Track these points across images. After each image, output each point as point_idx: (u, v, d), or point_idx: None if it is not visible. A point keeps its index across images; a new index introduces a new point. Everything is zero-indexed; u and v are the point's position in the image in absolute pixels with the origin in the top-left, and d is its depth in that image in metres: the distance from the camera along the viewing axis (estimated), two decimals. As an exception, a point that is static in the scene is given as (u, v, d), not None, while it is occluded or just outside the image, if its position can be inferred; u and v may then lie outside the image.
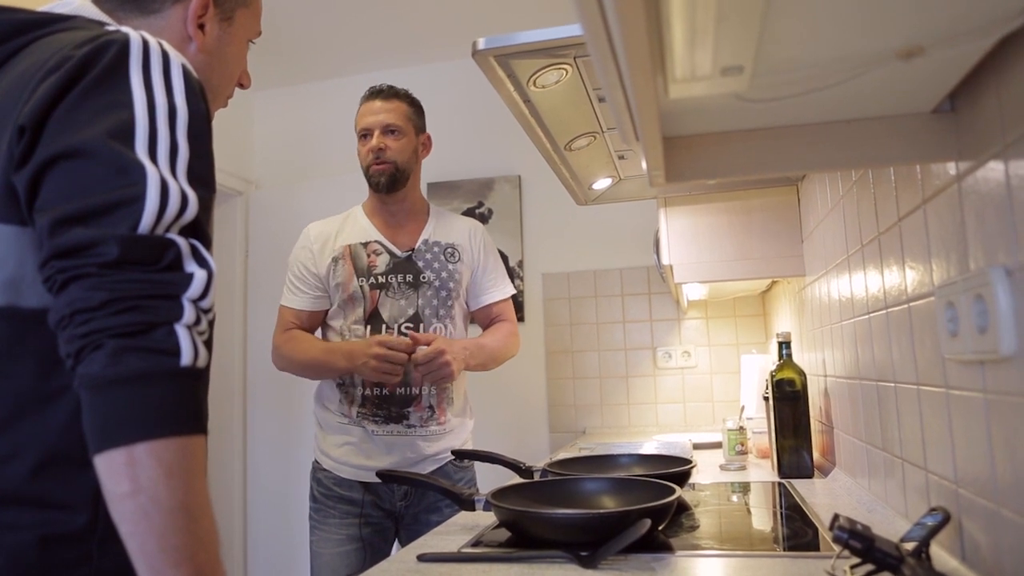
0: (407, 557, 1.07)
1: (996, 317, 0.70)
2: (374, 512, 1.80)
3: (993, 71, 0.72)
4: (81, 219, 0.65)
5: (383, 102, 1.84)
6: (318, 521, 1.81)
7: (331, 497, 1.80)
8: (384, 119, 1.83)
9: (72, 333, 0.64)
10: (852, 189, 1.30)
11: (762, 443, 1.92)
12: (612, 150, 1.45)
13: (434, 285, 1.83)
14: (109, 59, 0.71)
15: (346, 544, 1.78)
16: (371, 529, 1.80)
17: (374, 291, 1.80)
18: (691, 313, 3.10)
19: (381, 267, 1.82)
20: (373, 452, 1.78)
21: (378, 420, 1.77)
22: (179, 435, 0.64)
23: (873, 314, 1.20)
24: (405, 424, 1.77)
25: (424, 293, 1.82)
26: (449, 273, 1.86)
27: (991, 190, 0.73)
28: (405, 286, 1.81)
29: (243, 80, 1.05)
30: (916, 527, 0.87)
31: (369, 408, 1.78)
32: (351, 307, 1.81)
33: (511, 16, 3.02)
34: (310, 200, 3.28)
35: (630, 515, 1.01)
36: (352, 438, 1.79)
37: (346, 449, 1.79)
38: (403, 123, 1.85)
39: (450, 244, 1.90)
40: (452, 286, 1.86)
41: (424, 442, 1.79)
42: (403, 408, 1.78)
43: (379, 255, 1.83)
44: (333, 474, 1.80)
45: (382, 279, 1.81)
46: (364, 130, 1.85)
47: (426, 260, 1.85)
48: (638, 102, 0.61)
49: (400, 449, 1.78)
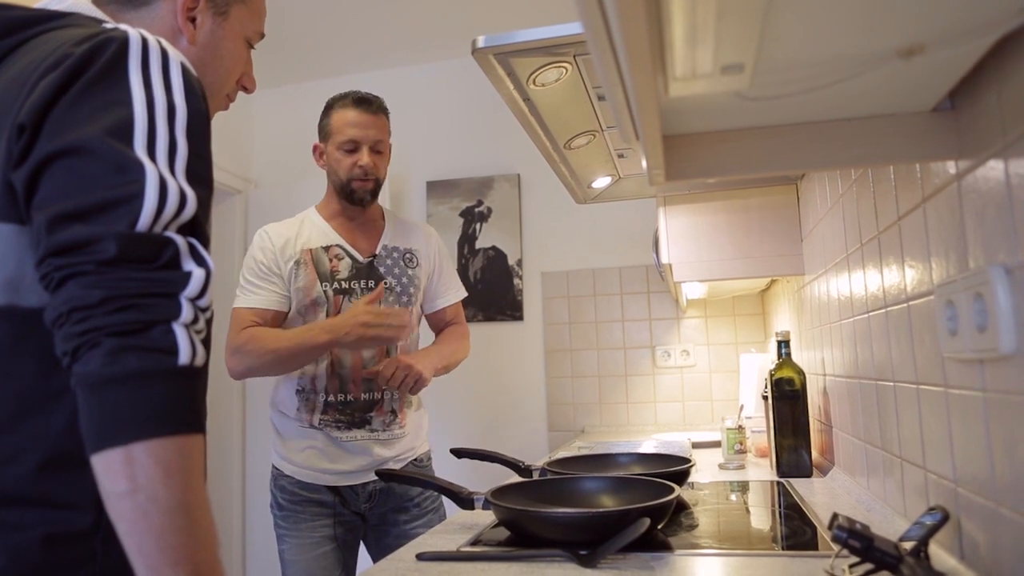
0: (406, 556, 1.07)
1: (995, 316, 0.70)
2: (345, 511, 1.79)
3: (993, 70, 0.72)
4: (79, 216, 0.65)
5: (372, 116, 1.80)
6: (287, 528, 1.77)
7: (299, 501, 1.77)
8: (374, 135, 1.80)
9: (69, 331, 0.63)
10: (852, 188, 1.30)
11: (761, 442, 1.92)
12: (612, 149, 1.45)
13: (395, 291, 1.83)
14: (108, 57, 0.71)
15: (323, 545, 1.75)
16: (344, 528, 1.79)
17: (337, 296, 1.77)
18: (690, 312, 3.10)
19: (344, 272, 1.80)
20: (337, 456, 1.75)
21: (341, 427, 1.76)
22: (177, 434, 0.64)
23: (872, 313, 1.20)
24: (368, 429, 1.77)
25: (386, 299, 1.81)
26: (409, 279, 1.87)
27: (991, 189, 0.73)
28: (367, 292, 1.79)
29: (246, 83, 1.04)
30: (915, 526, 0.87)
31: (332, 415, 1.76)
32: (313, 312, 1.77)
33: (511, 15, 3.02)
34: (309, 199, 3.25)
35: (629, 514, 1.01)
36: (316, 443, 1.76)
37: (309, 453, 1.76)
38: (386, 138, 1.84)
39: (408, 249, 1.90)
40: (412, 291, 1.86)
41: (387, 444, 1.79)
42: (366, 413, 1.77)
43: (341, 259, 1.81)
44: (296, 479, 1.77)
45: (345, 284, 1.79)
46: (352, 143, 1.79)
47: (387, 266, 1.84)
48: (638, 100, 0.61)
49: (364, 452, 1.76)
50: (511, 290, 3.28)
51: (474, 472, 2.32)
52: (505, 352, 3.24)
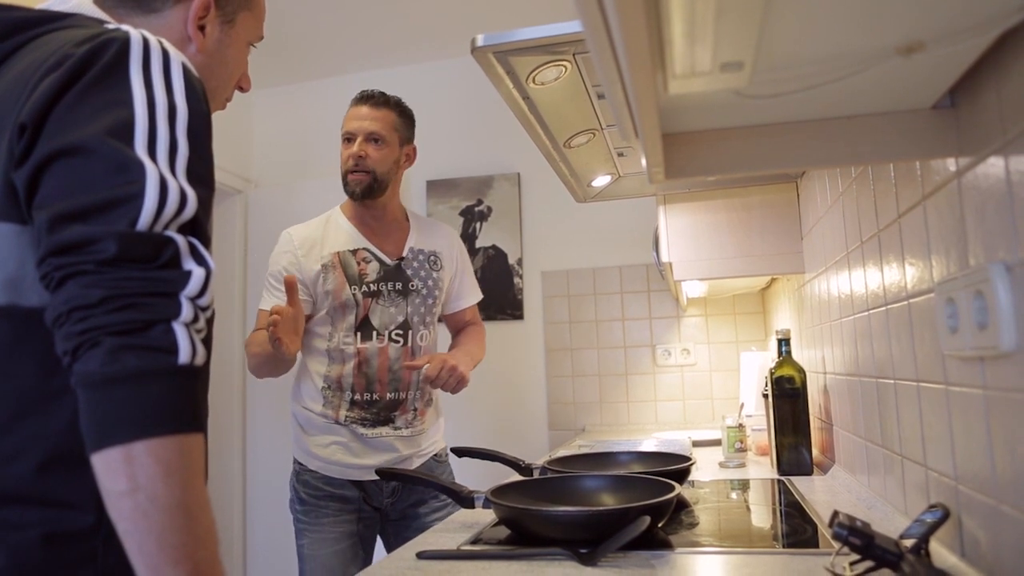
0: (406, 555, 1.07)
1: (996, 313, 0.70)
2: (366, 507, 1.82)
3: (993, 67, 0.72)
4: (79, 216, 0.65)
5: (371, 108, 1.82)
6: (308, 523, 1.80)
7: (322, 496, 1.79)
8: (369, 126, 1.80)
9: (69, 330, 0.63)
10: (852, 186, 1.30)
11: (761, 440, 1.92)
12: (611, 147, 1.44)
13: (421, 293, 1.86)
14: (109, 57, 0.71)
15: (343, 541, 1.78)
16: (363, 524, 1.82)
17: (367, 299, 1.80)
18: (690, 310, 3.10)
19: (372, 275, 1.82)
20: (362, 452, 1.79)
21: (366, 423, 1.79)
22: (177, 433, 0.64)
23: (873, 311, 1.20)
24: (392, 426, 1.81)
25: (413, 301, 1.85)
26: (435, 281, 1.90)
27: (991, 186, 0.73)
28: (395, 294, 1.83)
29: (243, 83, 1.05)
30: (915, 524, 0.87)
31: (357, 412, 1.79)
32: (342, 315, 1.79)
33: (510, 14, 3.02)
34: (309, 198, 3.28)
35: (629, 512, 1.01)
36: (340, 438, 1.79)
37: (334, 449, 1.79)
38: (387, 133, 1.83)
39: (432, 252, 1.93)
40: (437, 293, 1.90)
41: (409, 441, 1.83)
42: (391, 412, 1.81)
43: (369, 263, 1.83)
44: (321, 474, 1.80)
45: (374, 287, 1.81)
46: (348, 134, 1.83)
47: (413, 268, 1.87)
48: (637, 98, 0.61)
49: (388, 448, 1.80)
50: (511, 289, 3.28)
51: (474, 471, 2.33)
52: (505, 351, 3.24)
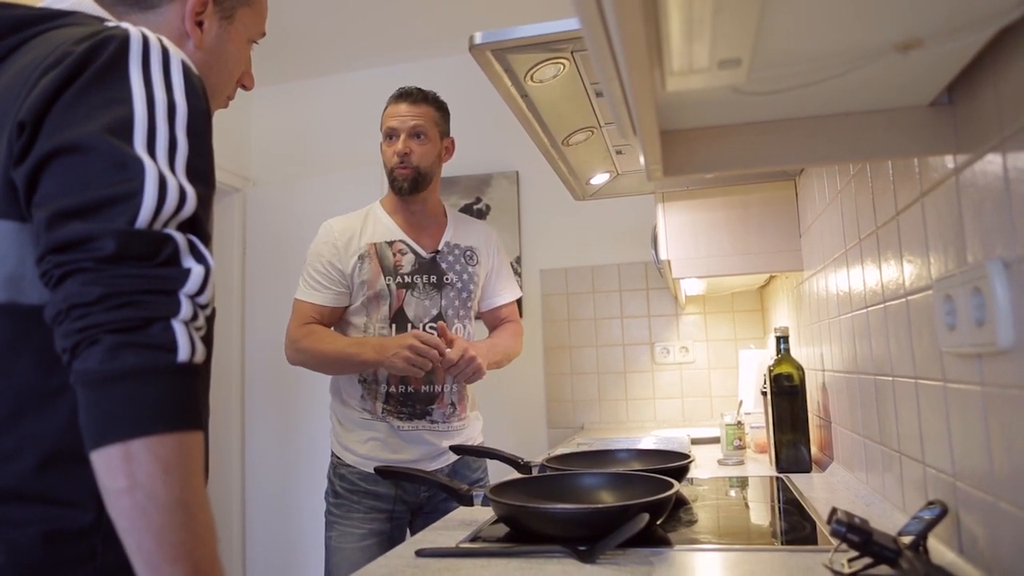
0: (405, 552, 1.07)
1: (994, 310, 0.70)
2: (399, 507, 1.83)
3: (991, 64, 0.72)
4: (79, 213, 0.65)
5: (410, 106, 1.87)
6: (339, 516, 1.82)
7: (356, 492, 1.81)
8: (411, 123, 1.85)
9: (68, 328, 0.63)
10: (850, 183, 1.30)
11: (760, 438, 1.92)
12: (610, 145, 1.44)
13: (456, 287, 1.89)
14: (108, 55, 0.71)
15: (368, 538, 1.79)
16: (394, 525, 1.83)
17: (400, 290, 1.83)
18: (689, 308, 3.10)
19: (407, 267, 1.85)
20: (399, 447, 1.81)
21: (403, 417, 1.81)
22: (176, 431, 0.64)
23: (871, 308, 1.20)
24: (429, 420, 1.82)
25: (447, 294, 1.87)
26: (469, 276, 1.92)
27: (989, 183, 0.73)
28: (429, 287, 1.85)
29: (245, 81, 1.04)
30: (914, 520, 0.87)
31: (394, 405, 1.81)
32: (376, 305, 1.83)
33: (508, 12, 3.02)
34: (308, 197, 3.28)
35: (628, 510, 1.01)
36: (377, 434, 1.81)
37: (372, 445, 1.81)
38: (429, 128, 1.88)
39: (469, 247, 1.95)
40: (472, 288, 1.92)
41: (446, 436, 1.84)
42: (427, 406, 1.83)
43: (404, 255, 1.86)
44: (358, 469, 1.81)
45: (408, 279, 1.84)
46: (390, 131, 1.87)
47: (448, 262, 1.90)
48: (635, 95, 0.61)
49: (425, 443, 1.82)
50: (510, 287, 3.28)
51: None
52: (504, 349, 3.24)
